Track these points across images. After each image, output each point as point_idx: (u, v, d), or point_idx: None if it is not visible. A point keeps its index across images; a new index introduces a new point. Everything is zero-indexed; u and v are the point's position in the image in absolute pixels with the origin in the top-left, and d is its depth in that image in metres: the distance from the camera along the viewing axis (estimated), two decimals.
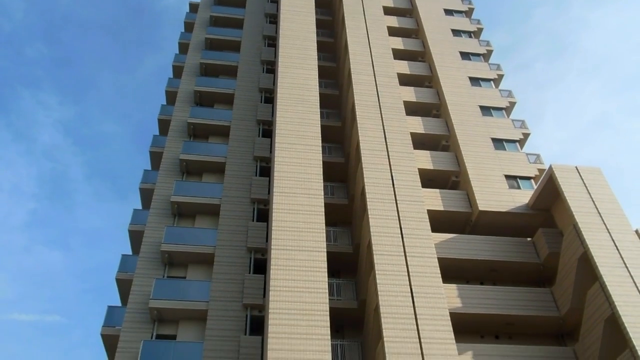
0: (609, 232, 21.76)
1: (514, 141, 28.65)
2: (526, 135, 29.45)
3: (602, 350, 19.51)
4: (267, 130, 29.58)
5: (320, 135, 24.82)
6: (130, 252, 27.19)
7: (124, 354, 20.96)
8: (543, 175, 24.66)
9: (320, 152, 24.09)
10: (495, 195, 25.10)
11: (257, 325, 22.09)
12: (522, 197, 25.30)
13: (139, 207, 28.65)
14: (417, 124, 28.69)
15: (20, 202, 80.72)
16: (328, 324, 17.64)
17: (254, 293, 22.53)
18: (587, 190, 23.33)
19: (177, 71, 35.05)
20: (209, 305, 22.13)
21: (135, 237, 26.21)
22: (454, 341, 18.21)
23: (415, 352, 17.46)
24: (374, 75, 28.72)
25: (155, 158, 29.84)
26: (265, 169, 27.75)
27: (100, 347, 24.01)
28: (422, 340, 17.88)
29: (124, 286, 24.67)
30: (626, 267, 20.78)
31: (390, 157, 24.29)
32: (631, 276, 20.50)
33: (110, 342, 22.95)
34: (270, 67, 33.50)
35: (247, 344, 20.93)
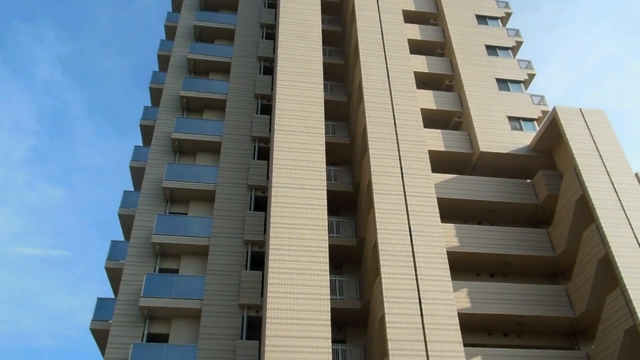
0: (609, 175, 21.83)
1: (518, 82, 28.24)
2: (531, 76, 29.00)
3: (594, 288, 20.00)
4: (269, 68, 29.12)
5: (322, 73, 24.45)
6: (132, 189, 27.44)
7: (128, 287, 21.53)
8: (546, 117, 24.47)
9: (322, 90, 23.80)
10: (497, 136, 25.01)
11: (258, 260, 22.57)
12: (524, 138, 25.21)
13: (140, 143, 28.66)
14: (421, 63, 28.19)
15: (20, 138, 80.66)
16: (327, 260, 18.00)
17: (254, 230, 22.88)
18: (590, 132, 23.23)
19: (177, 4, 34.11)
20: (210, 241, 22.54)
21: (137, 174, 26.36)
22: (450, 278, 18.64)
23: (412, 288, 17.91)
24: (378, 12, 27.95)
25: (156, 94, 29.54)
26: (266, 106, 27.52)
27: (105, 280, 24.66)
28: (418, 277, 18.29)
29: (126, 221, 25.04)
30: (623, 209, 20.99)
31: (392, 96, 24.02)
32: (627, 218, 20.74)
33: (114, 275, 23.56)
34: (272, 2, 32.59)
35: (248, 279, 21.46)
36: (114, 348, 19.98)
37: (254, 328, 20.62)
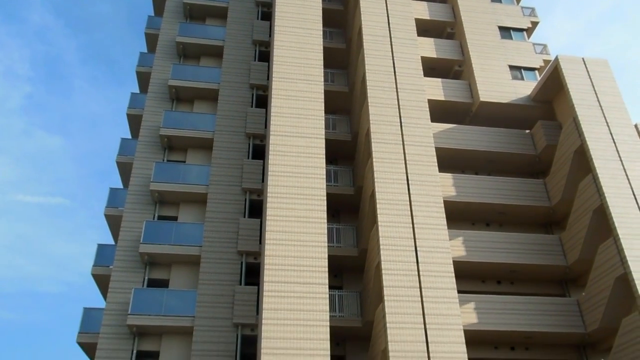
0: (608, 126, 21.77)
1: (521, 30, 27.72)
2: (534, 24, 28.42)
3: (587, 238, 20.31)
4: (267, 13, 28.46)
5: (321, 19, 23.88)
6: (129, 137, 27.33)
7: (128, 233, 21.78)
8: (548, 66, 24.17)
9: (321, 36, 23.33)
10: (497, 86, 24.76)
11: (256, 208, 22.76)
12: (525, 88, 24.97)
13: (137, 91, 28.33)
14: (422, 10, 27.56)
15: (15, 85, 79.56)
16: (325, 208, 18.14)
17: (252, 178, 22.96)
18: (591, 82, 23.00)
19: None
20: (209, 189, 22.64)
21: (134, 121, 26.19)
22: (446, 227, 18.86)
23: (408, 236, 18.15)
24: None
25: (151, 40, 28.95)
26: (264, 53, 27.06)
27: (105, 227, 24.91)
28: (415, 225, 18.50)
29: (124, 169, 25.06)
30: (620, 160, 21.05)
31: (392, 43, 23.58)
32: (624, 169, 20.82)
33: (114, 222, 23.78)
34: None
35: (246, 226, 21.69)
36: (115, 293, 20.40)
37: (253, 274, 21.02)
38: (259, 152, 24.03)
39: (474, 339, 19.12)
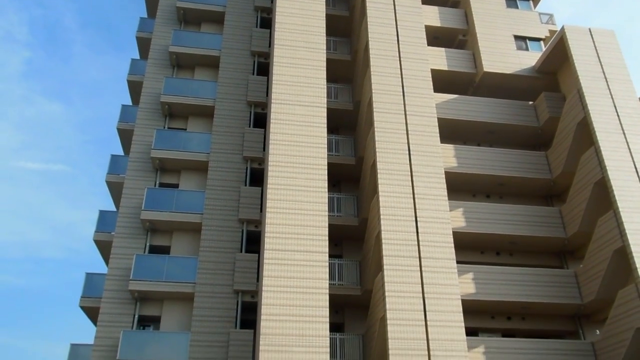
0: (612, 98, 21.60)
1: None
2: None
3: (587, 210, 20.37)
4: None
5: None
6: (130, 103, 27.16)
7: (129, 200, 21.86)
8: (554, 37, 23.83)
9: (324, 4, 22.94)
10: (501, 56, 24.47)
11: (257, 176, 22.79)
12: (529, 59, 24.69)
13: (137, 57, 28.03)
14: None
15: (14, 50, 78.67)
16: (326, 177, 18.15)
17: (253, 146, 22.92)
18: (597, 53, 22.72)
19: None
20: (210, 157, 22.62)
21: (135, 88, 25.99)
22: (447, 198, 18.88)
23: (409, 206, 18.20)
24: None
25: (151, 5, 28.52)
26: (266, 20, 26.68)
27: (107, 194, 25.00)
28: (415, 196, 18.53)
29: (125, 136, 25.00)
30: (623, 133, 20.95)
31: (396, 11, 23.21)
32: (627, 142, 20.75)
33: (115, 189, 23.85)
34: None
35: (247, 194, 21.76)
36: (117, 258, 20.59)
37: (253, 242, 21.16)
38: (261, 120, 23.92)
39: (471, 309, 19.37)
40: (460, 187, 22.41)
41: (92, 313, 21.59)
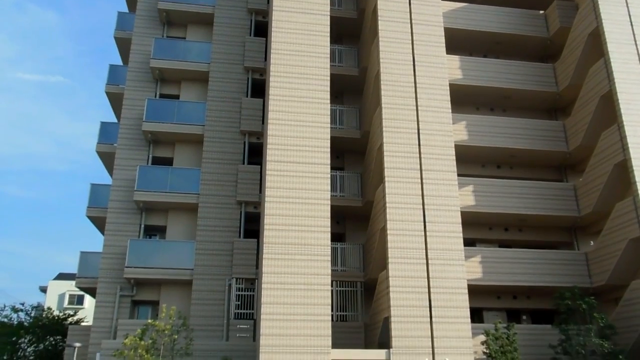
0: (627, 6, 20.75)
1: None
2: None
3: (591, 124, 20.23)
4: None
5: None
6: (126, 10, 26.25)
7: (130, 111, 21.72)
8: None
9: None
10: None
11: (259, 87, 22.47)
12: None
13: None
14: None
15: None
16: (328, 88, 17.85)
17: (255, 56, 22.41)
18: None
19: None
20: (210, 67, 22.19)
21: None
22: (450, 111, 18.67)
23: (411, 118, 18.04)
24: None
25: None
26: None
27: (108, 107, 24.80)
28: (419, 107, 18.30)
29: (123, 45, 24.39)
30: (635, 45, 20.33)
31: None
32: (638, 55, 20.18)
33: (115, 100, 23.62)
34: None
35: (249, 106, 21.56)
36: (120, 170, 20.78)
37: (255, 154, 21.25)
38: (262, 29, 23.19)
39: (470, 220, 19.75)
40: (464, 99, 22.11)
41: (99, 223, 22.13)
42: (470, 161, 21.48)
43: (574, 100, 21.80)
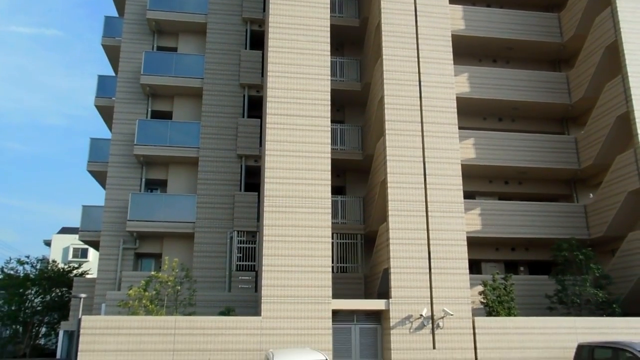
0: None
1: None
2: None
3: (595, 75, 19.97)
4: None
5: None
6: None
7: (128, 64, 21.42)
8: None
9: None
10: None
11: (258, 39, 22.09)
12: None
13: None
14: None
15: None
16: (328, 39, 17.51)
17: (253, 6, 21.94)
18: None
19: None
20: (208, 18, 21.76)
21: None
22: (452, 62, 18.36)
23: (413, 70, 17.75)
24: None
25: None
26: None
27: (104, 60, 24.43)
28: (420, 59, 17.99)
29: None
30: None
31: None
32: None
33: (112, 53, 23.28)
34: None
35: (248, 58, 21.24)
36: (119, 124, 20.67)
37: (255, 107, 21.08)
38: None
39: (470, 173, 19.79)
40: (466, 51, 21.76)
41: (100, 177, 22.19)
42: (472, 114, 21.33)
43: (578, 51, 21.44)
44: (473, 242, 18.22)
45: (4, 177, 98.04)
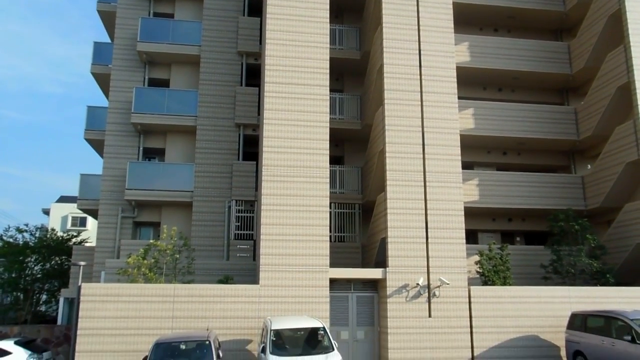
0: None
1: None
2: None
3: (597, 45, 19.77)
4: None
5: None
6: None
7: (124, 31, 21.12)
8: None
9: None
10: None
11: (256, 6, 21.75)
12: None
13: None
14: None
15: None
16: (327, 7, 17.22)
17: None
18: None
19: None
20: None
21: None
22: (453, 31, 18.11)
23: (413, 39, 17.52)
24: None
25: None
26: None
27: (100, 28, 24.05)
28: (420, 27, 17.72)
29: None
30: None
31: None
32: None
33: (108, 19, 22.91)
34: None
35: (246, 25, 20.94)
36: (116, 92, 20.50)
37: (253, 75, 20.87)
38: None
39: (469, 143, 19.75)
40: (467, 19, 21.47)
41: (97, 145, 22.11)
42: (472, 83, 21.18)
43: (580, 20, 21.17)
44: (470, 213, 18.30)
45: (2, 146, 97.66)
